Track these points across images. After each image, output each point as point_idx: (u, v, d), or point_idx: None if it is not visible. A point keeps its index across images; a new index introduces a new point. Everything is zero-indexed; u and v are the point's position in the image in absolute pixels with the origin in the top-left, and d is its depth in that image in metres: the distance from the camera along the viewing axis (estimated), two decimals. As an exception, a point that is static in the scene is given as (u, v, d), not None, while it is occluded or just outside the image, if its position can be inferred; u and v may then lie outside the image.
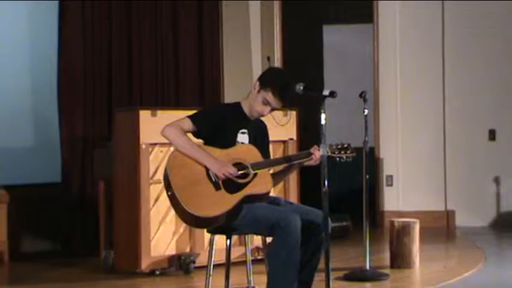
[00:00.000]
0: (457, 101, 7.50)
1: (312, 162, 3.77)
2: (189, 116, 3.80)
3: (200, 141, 3.85)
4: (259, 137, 3.94)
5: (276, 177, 3.89)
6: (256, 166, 3.74)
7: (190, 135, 3.80)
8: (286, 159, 3.86)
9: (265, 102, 3.81)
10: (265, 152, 3.90)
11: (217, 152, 3.75)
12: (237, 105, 3.90)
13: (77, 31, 6.48)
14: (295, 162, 3.82)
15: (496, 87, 7.47)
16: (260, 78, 3.86)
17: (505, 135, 7.45)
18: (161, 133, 3.77)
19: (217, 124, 3.80)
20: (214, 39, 7.24)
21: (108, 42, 6.66)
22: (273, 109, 3.84)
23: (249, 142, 3.86)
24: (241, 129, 3.86)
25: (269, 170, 3.80)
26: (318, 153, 3.75)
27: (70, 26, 6.45)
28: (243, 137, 3.86)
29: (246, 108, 3.88)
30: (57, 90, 6.43)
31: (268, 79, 3.84)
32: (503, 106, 7.46)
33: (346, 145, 3.89)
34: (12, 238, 5.98)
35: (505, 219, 7.40)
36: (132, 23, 6.78)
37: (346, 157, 3.88)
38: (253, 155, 3.78)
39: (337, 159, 3.87)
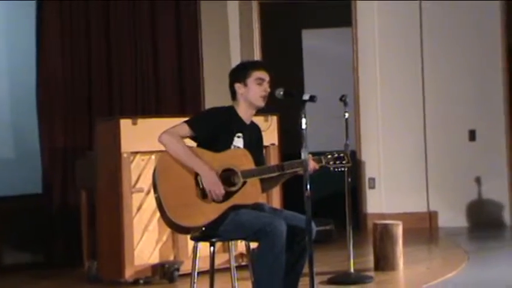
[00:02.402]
0: (437, 102, 7.55)
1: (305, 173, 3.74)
2: (186, 121, 3.79)
3: (194, 143, 3.83)
4: (254, 141, 3.92)
5: (266, 184, 3.87)
6: (247, 174, 3.73)
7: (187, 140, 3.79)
8: (278, 168, 3.81)
9: (259, 81, 3.81)
10: (258, 157, 3.88)
11: (210, 155, 3.73)
12: (231, 109, 3.89)
13: (55, 40, 6.43)
14: (288, 171, 3.78)
15: (476, 88, 7.52)
16: (235, 78, 3.87)
17: (485, 135, 7.50)
18: (158, 139, 3.75)
19: (215, 128, 3.78)
20: (193, 42, 7.20)
21: (86, 49, 6.61)
22: (266, 82, 3.83)
23: (244, 146, 3.85)
24: (237, 132, 3.85)
25: (259, 178, 3.77)
26: (313, 164, 3.74)
27: (48, 35, 6.40)
28: (238, 141, 3.85)
29: (240, 112, 3.87)
30: (36, 100, 6.37)
31: (240, 68, 3.90)
32: (482, 106, 7.51)
33: (341, 155, 3.86)
34: (-7, 250, 5.93)
35: (487, 219, 7.45)
36: (110, 30, 6.74)
37: (342, 167, 3.86)
38: (245, 160, 3.76)
39: (332, 169, 3.85)
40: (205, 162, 3.68)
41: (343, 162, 3.84)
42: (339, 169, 3.85)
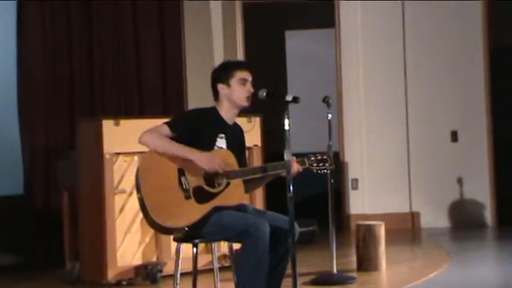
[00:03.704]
0: (419, 103, 7.58)
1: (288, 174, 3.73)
2: (166, 122, 3.77)
3: None
4: (236, 142, 3.91)
5: (250, 185, 3.86)
6: (231, 175, 3.72)
7: None
8: (262, 169, 3.81)
9: (242, 82, 3.80)
10: (240, 158, 3.88)
11: None
12: (213, 110, 3.88)
13: (36, 39, 6.38)
14: (271, 173, 3.78)
15: (458, 89, 7.56)
16: (217, 78, 3.86)
17: (467, 136, 7.54)
18: (139, 140, 3.72)
19: (196, 129, 3.77)
20: (176, 42, 7.17)
21: (68, 49, 6.55)
22: (249, 82, 3.83)
23: (227, 147, 3.84)
24: (219, 133, 3.84)
25: (243, 179, 3.77)
26: (296, 166, 3.74)
27: (29, 32, 6.34)
28: (220, 142, 3.84)
29: (222, 112, 3.86)
30: (17, 99, 6.32)
31: (223, 68, 3.88)
32: (464, 107, 7.55)
33: (325, 157, 3.85)
34: (-26, 252, 5.88)
35: (469, 220, 7.49)
36: (92, 29, 6.69)
37: (325, 169, 3.86)
38: (229, 161, 3.76)
39: (315, 171, 3.85)
40: (191, 148, 3.66)
41: (326, 164, 3.84)
42: (322, 171, 3.85)
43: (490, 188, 7.50)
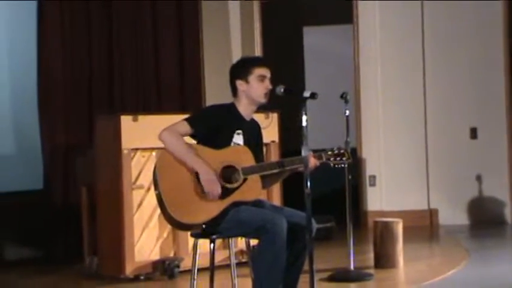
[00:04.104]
0: (438, 100, 7.54)
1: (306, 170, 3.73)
2: (185, 119, 3.79)
3: (194, 141, 3.83)
4: (253, 138, 3.92)
5: (267, 181, 3.87)
6: (248, 171, 3.73)
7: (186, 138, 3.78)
8: (279, 164, 3.81)
9: (260, 78, 3.81)
10: (258, 154, 3.87)
11: (210, 152, 3.73)
12: (231, 106, 3.89)
13: (56, 39, 6.43)
14: (288, 167, 3.78)
15: (477, 86, 7.51)
16: (236, 75, 3.86)
17: (486, 133, 7.50)
18: (158, 137, 3.75)
19: (215, 125, 3.78)
20: (194, 38, 7.20)
21: (87, 47, 6.61)
22: (268, 79, 3.83)
23: (244, 143, 3.85)
24: (237, 129, 3.84)
25: (260, 175, 3.77)
26: (314, 161, 3.74)
27: (48, 32, 6.40)
28: (237, 138, 3.84)
29: (240, 108, 3.87)
30: (37, 98, 6.37)
31: (241, 64, 3.89)
32: (484, 104, 7.50)
33: (342, 151, 3.86)
34: (-6, 246, 5.94)
35: (488, 217, 7.44)
36: (112, 27, 6.74)
37: (342, 164, 3.86)
38: (246, 157, 3.76)
39: (332, 165, 3.85)
40: (204, 160, 3.68)
41: (344, 158, 3.85)
42: (340, 165, 3.85)
43: (509, 185, 7.44)
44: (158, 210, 3.86)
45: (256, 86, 3.83)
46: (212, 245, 3.76)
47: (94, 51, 6.63)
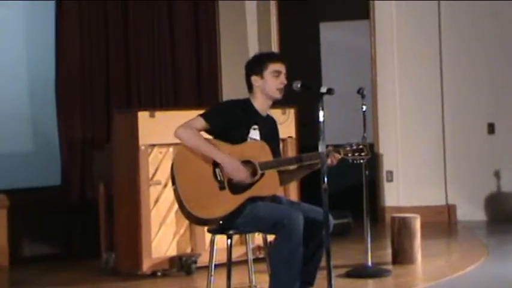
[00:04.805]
0: (455, 95, 7.49)
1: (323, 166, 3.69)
2: (201, 114, 3.79)
3: (210, 136, 3.83)
4: (270, 133, 3.92)
5: (285, 177, 3.86)
6: (265, 165, 3.72)
7: (202, 132, 3.78)
8: (297, 159, 3.80)
9: (275, 74, 3.81)
10: (274, 149, 3.87)
11: (227, 148, 3.73)
12: (247, 101, 3.89)
13: (74, 34, 6.47)
14: (306, 163, 3.77)
15: (495, 81, 7.45)
16: (251, 70, 3.86)
17: (504, 128, 7.44)
18: (174, 134, 3.75)
19: (230, 120, 3.79)
20: (211, 37, 7.23)
21: (105, 43, 6.65)
22: (283, 74, 3.83)
23: (260, 138, 3.85)
24: (253, 125, 3.85)
25: (277, 170, 3.76)
26: (332, 159, 3.72)
27: (67, 29, 6.44)
28: (254, 133, 3.84)
29: (256, 104, 3.87)
30: (55, 93, 6.41)
31: (256, 60, 3.89)
32: (501, 99, 7.44)
33: (361, 146, 3.84)
34: (12, 242, 5.97)
35: (506, 213, 7.39)
36: (129, 24, 6.77)
37: (361, 159, 3.83)
38: (263, 152, 3.76)
39: (350, 160, 3.83)
40: (226, 154, 3.68)
41: (362, 153, 3.83)
42: (358, 160, 3.83)
43: (528, 181, 7.39)
44: (175, 207, 3.86)
45: (271, 82, 3.82)
46: (229, 240, 3.76)
47: (111, 48, 6.67)
